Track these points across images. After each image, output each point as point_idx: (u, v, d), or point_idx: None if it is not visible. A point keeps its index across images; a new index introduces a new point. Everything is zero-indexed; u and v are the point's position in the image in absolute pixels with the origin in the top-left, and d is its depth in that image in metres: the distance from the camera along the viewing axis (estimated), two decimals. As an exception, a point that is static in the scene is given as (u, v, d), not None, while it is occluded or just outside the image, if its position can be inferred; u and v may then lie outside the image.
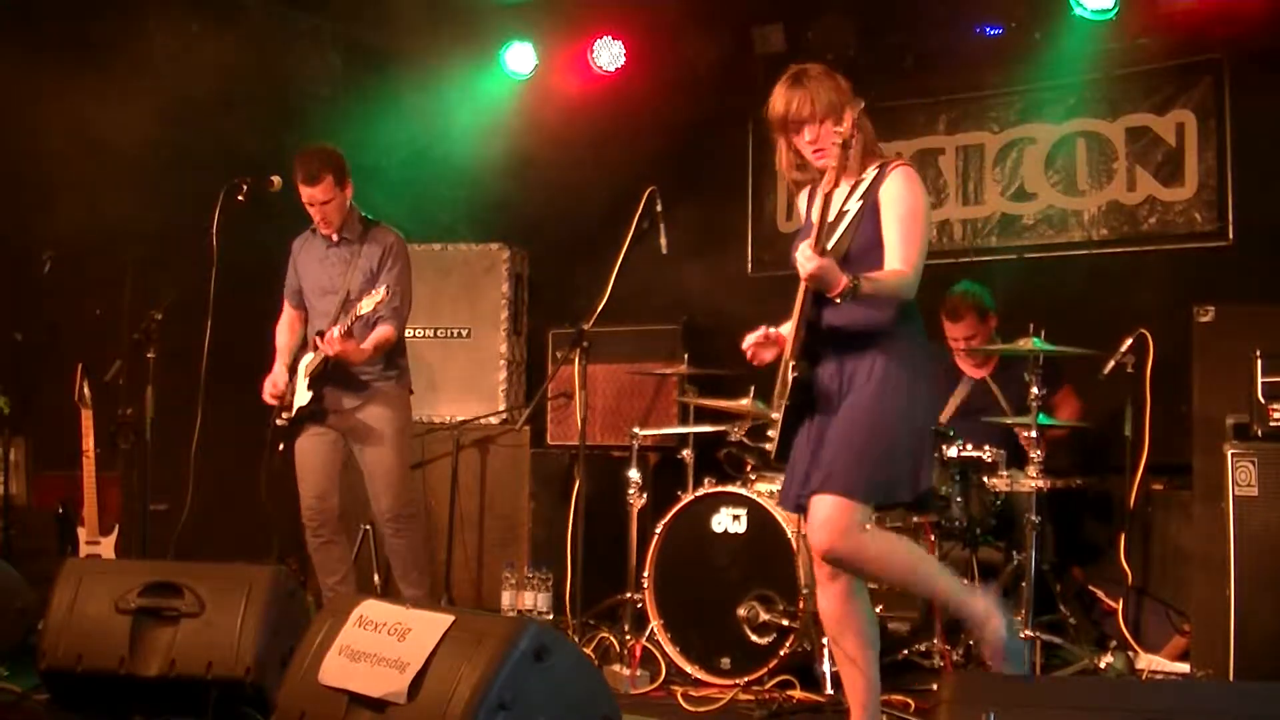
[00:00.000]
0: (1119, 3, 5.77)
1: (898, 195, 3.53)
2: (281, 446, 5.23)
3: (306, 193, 5.12)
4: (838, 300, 3.39)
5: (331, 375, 5.12)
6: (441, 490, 6.25)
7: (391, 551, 5.28)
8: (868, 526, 3.52)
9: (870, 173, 3.59)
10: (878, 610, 4.98)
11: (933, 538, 4.89)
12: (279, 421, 5.23)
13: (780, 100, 3.62)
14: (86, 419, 5.64)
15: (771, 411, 3.64)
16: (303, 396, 5.16)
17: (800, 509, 3.62)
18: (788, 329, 3.67)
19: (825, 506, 3.47)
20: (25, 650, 4.22)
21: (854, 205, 3.59)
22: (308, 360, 5.19)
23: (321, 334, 5.15)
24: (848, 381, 3.54)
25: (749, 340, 3.72)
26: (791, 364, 3.54)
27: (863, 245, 3.53)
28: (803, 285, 3.51)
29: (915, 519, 4.97)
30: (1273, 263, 5.38)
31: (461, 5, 6.81)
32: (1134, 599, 5.41)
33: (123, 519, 5.76)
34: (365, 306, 4.90)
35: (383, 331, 5.10)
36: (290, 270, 5.40)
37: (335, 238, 5.24)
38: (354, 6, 6.74)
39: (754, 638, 4.82)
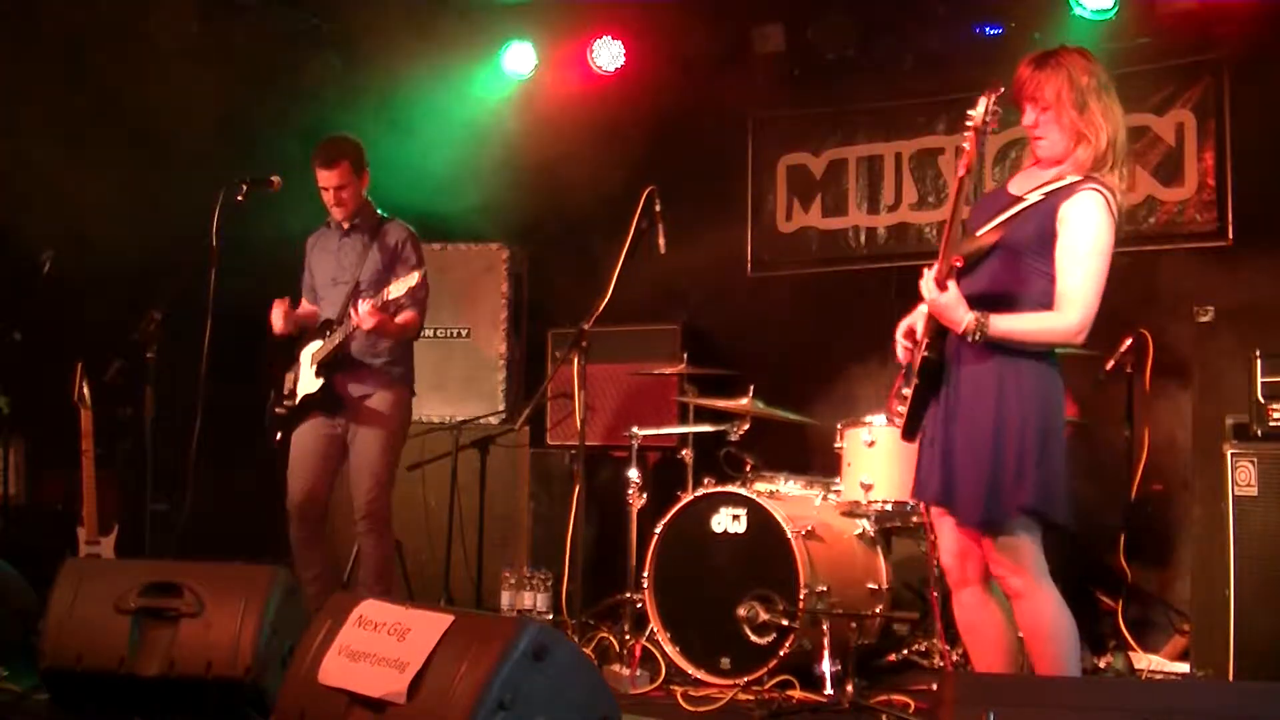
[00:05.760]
0: (1119, 3, 5.78)
1: (1082, 221, 3.31)
2: (279, 435, 5.22)
3: (322, 176, 5.14)
4: (967, 339, 3.28)
5: (341, 363, 5.12)
6: (441, 490, 6.25)
7: (361, 554, 5.22)
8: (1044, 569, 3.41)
9: (1072, 176, 3.38)
10: (877, 610, 5.01)
11: (933, 537, 4.88)
12: (279, 410, 5.23)
13: (1017, 73, 3.46)
14: (86, 419, 5.64)
15: (902, 388, 3.56)
16: (310, 384, 5.16)
17: (936, 503, 3.54)
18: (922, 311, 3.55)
19: (1000, 539, 3.40)
20: (25, 650, 4.22)
21: (1035, 196, 3.40)
22: (314, 348, 5.18)
23: (329, 323, 5.15)
24: (976, 378, 3.40)
25: (900, 338, 3.63)
26: (926, 342, 3.44)
27: (1020, 239, 3.36)
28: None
29: (915, 519, 4.97)
30: (1273, 263, 5.39)
31: (461, 5, 6.81)
32: (1134, 599, 5.42)
33: (123, 519, 5.76)
34: (397, 290, 4.88)
35: (410, 316, 5.11)
36: (306, 270, 5.42)
37: (347, 225, 5.24)
38: (354, 6, 6.74)
39: (754, 638, 4.81)
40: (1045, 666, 3.42)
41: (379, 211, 5.32)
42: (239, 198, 5.07)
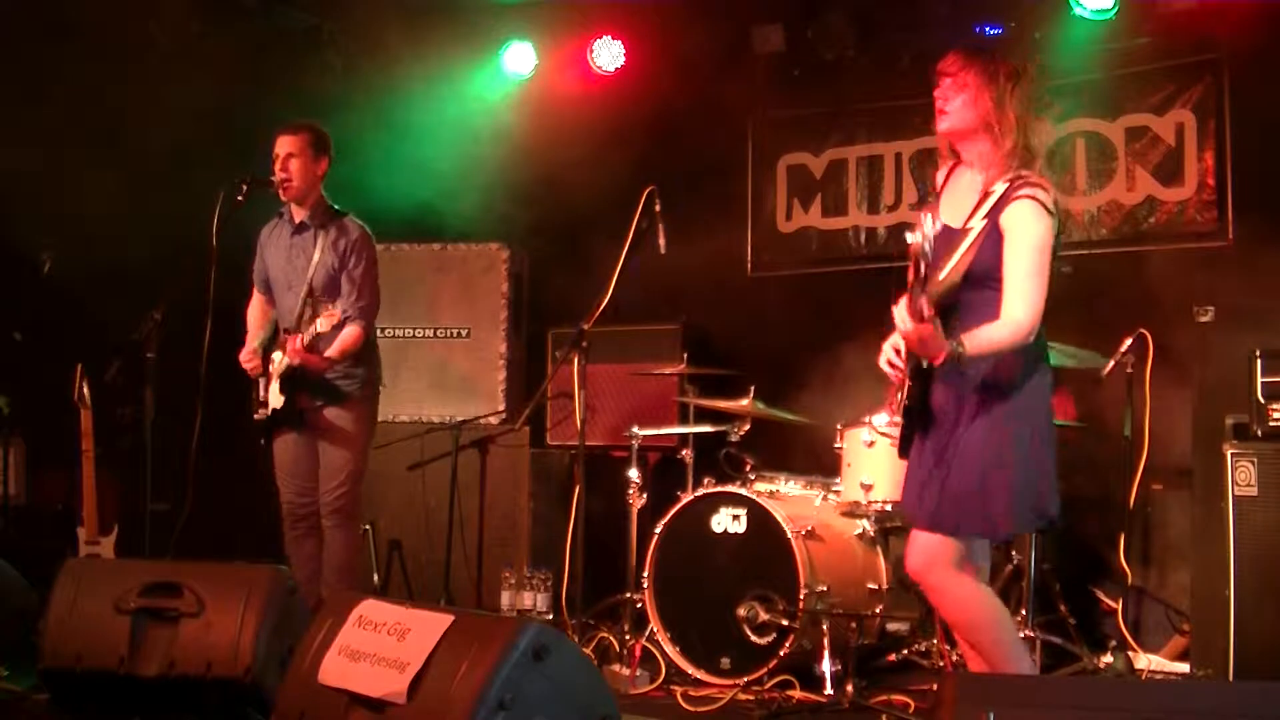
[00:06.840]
0: (1119, 3, 5.77)
1: (1021, 227, 3.37)
2: (262, 441, 5.21)
3: (279, 141, 5.12)
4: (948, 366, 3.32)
5: (299, 379, 5.09)
6: (441, 490, 6.25)
7: (326, 551, 5.17)
8: (963, 566, 3.45)
9: (999, 186, 3.43)
10: (877, 610, 5.01)
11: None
12: (256, 416, 5.22)
13: (945, 55, 3.57)
14: (86, 419, 5.64)
15: (897, 404, 3.58)
16: (276, 399, 5.15)
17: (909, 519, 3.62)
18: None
19: (922, 538, 3.48)
20: (25, 650, 4.22)
21: (978, 224, 3.44)
22: (278, 360, 5.16)
23: (289, 333, 5.14)
24: (964, 396, 3.43)
25: (885, 362, 3.62)
26: (908, 386, 3.47)
27: (984, 269, 3.40)
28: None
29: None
30: (1273, 263, 5.38)
31: (461, 5, 6.81)
32: (1134, 599, 5.42)
33: (123, 519, 5.75)
34: (322, 325, 4.88)
35: (350, 333, 5.07)
36: (258, 258, 5.38)
37: (297, 220, 5.20)
38: (353, 6, 6.74)
39: (754, 638, 4.82)
40: (986, 655, 3.44)
41: (333, 206, 5.26)
42: (239, 198, 5.07)
